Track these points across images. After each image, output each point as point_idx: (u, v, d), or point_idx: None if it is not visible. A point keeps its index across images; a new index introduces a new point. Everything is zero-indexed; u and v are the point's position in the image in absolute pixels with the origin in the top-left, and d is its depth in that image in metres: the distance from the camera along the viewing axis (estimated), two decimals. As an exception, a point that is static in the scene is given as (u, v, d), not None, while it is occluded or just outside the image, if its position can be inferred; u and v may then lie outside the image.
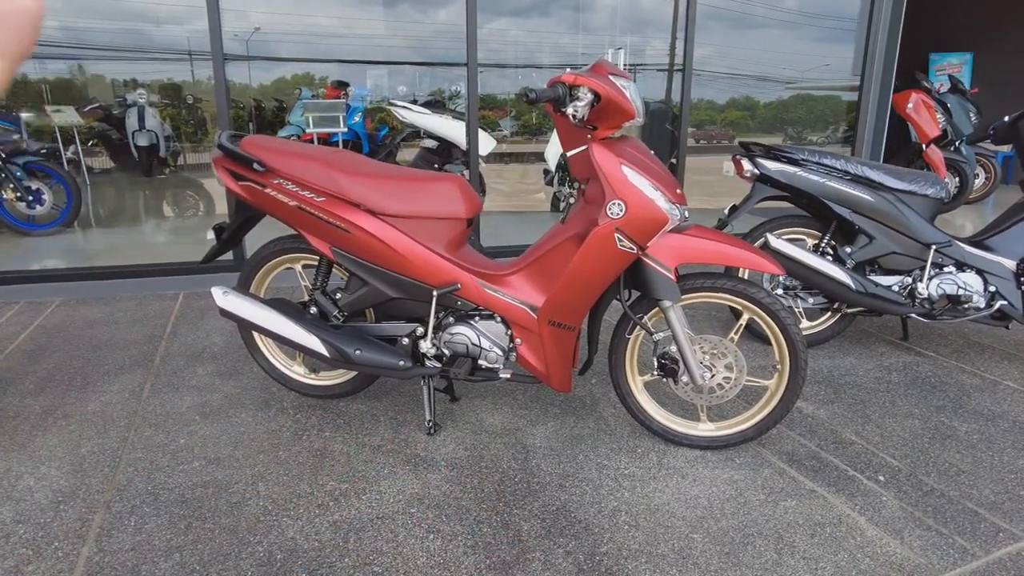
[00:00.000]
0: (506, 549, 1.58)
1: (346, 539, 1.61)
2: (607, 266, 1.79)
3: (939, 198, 2.62)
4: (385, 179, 1.94)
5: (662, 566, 1.52)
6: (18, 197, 4.43)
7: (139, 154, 5.37)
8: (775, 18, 5.93)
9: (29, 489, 1.80)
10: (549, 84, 1.69)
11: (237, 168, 1.98)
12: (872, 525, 1.68)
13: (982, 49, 8.34)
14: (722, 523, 1.68)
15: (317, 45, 5.84)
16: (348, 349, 1.98)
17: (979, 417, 2.27)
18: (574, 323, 1.90)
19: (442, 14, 5.75)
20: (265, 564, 1.51)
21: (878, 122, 4.87)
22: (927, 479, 1.89)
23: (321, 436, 2.10)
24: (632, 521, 1.69)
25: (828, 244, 2.73)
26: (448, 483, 1.85)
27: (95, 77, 5.49)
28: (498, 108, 6.33)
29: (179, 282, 3.72)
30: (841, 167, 2.62)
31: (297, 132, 5.58)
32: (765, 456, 2.00)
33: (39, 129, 5.17)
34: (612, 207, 1.74)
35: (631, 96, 1.70)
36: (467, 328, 1.99)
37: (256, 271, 2.24)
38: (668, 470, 1.92)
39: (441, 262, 1.94)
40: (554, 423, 2.20)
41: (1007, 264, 2.58)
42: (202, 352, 2.80)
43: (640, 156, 1.81)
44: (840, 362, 2.75)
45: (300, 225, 2.00)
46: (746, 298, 1.89)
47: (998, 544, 1.61)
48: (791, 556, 1.56)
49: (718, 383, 1.94)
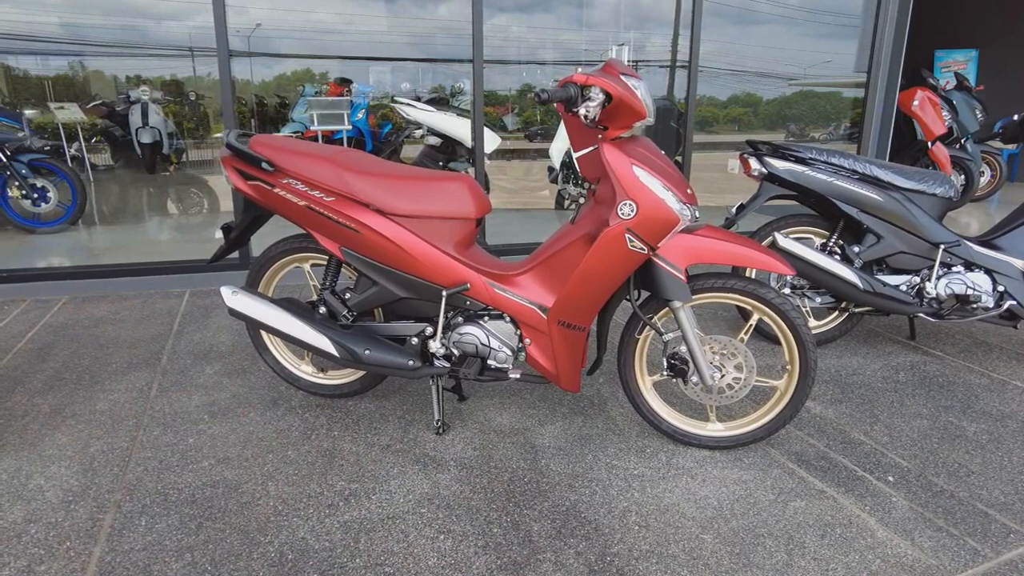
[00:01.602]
0: (517, 550, 1.58)
1: (357, 539, 1.61)
2: (617, 267, 1.79)
3: (947, 197, 2.61)
4: (394, 179, 1.93)
5: (673, 567, 1.52)
6: (23, 195, 4.43)
7: (143, 151, 5.37)
8: (778, 14, 5.90)
9: (40, 488, 1.81)
10: (560, 84, 1.68)
11: (246, 167, 1.97)
12: (882, 526, 1.68)
13: (988, 46, 8.31)
14: (732, 524, 1.68)
15: (319, 41, 5.83)
16: (357, 349, 1.98)
17: (988, 417, 2.26)
18: (584, 323, 1.90)
19: (444, 10, 5.73)
20: (276, 564, 1.52)
21: (884, 120, 4.86)
22: (936, 480, 1.89)
23: (330, 435, 2.10)
24: (642, 521, 1.69)
25: (836, 243, 2.73)
26: (458, 483, 1.85)
27: (98, 74, 5.48)
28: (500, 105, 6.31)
29: (185, 280, 3.72)
30: (849, 166, 2.61)
31: (300, 129, 5.57)
32: (774, 456, 2.00)
33: (43, 126, 5.17)
34: (623, 208, 1.73)
35: (642, 96, 1.70)
36: (476, 328, 1.98)
37: (264, 270, 2.24)
38: (677, 470, 1.92)
39: (450, 262, 1.94)
40: (563, 423, 2.20)
41: (1016, 264, 2.58)
42: (209, 351, 2.81)
43: (651, 156, 1.80)
44: (848, 361, 2.75)
45: (309, 225, 2.00)
46: (756, 298, 1.89)
47: (1009, 545, 1.61)
48: (801, 557, 1.56)
49: (728, 383, 1.94)
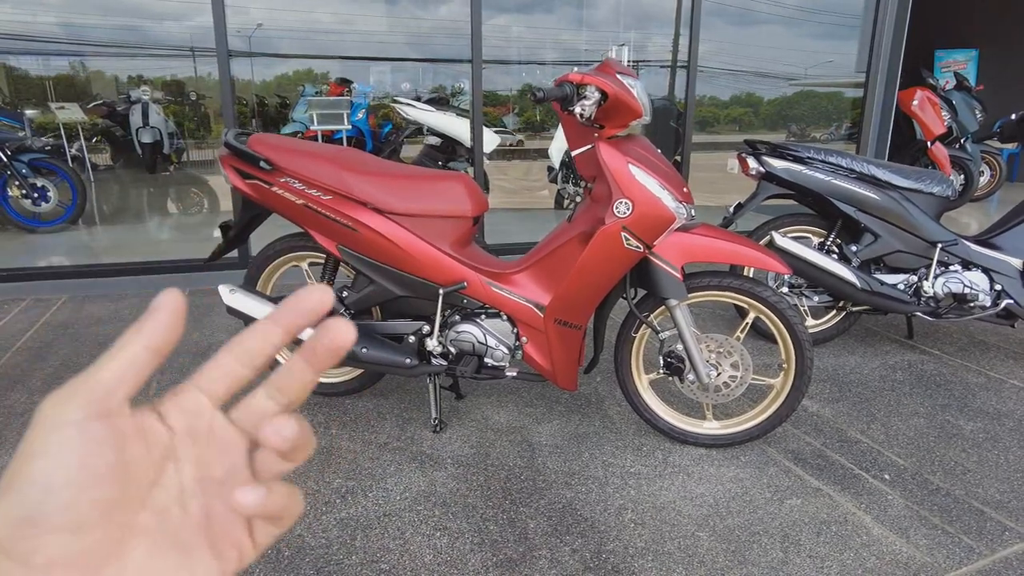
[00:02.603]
0: (513, 547, 1.58)
1: (353, 536, 1.61)
2: (614, 265, 1.80)
3: (945, 196, 2.61)
4: (392, 177, 1.94)
5: (668, 564, 1.53)
6: (23, 194, 4.44)
7: (143, 151, 5.38)
8: (779, 14, 5.91)
9: (38, 486, 1.81)
10: (556, 83, 1.69)
11: (244, 166, 1.98)
12: (878, 524, 1.68)
13: (988, 46, 8.31)
14: (728, 521, 1.69)
15: (320, 41, 5.84)
16: (355, 347, 1.98)
17: (984, 416, 2.27)
18: (580, 321, 1.91)
19: (444, 10, 5.73)
20: (272, 561, 1.52)
21: (883, 119, 4.86)
22: (933, 478, 1.89)
23: (328, 434, 2.11)
24: (638, 519, 1.69)
25: (833, 242, 2.73)
26: (454, 480, 1.86)
27: (98, 74, 5.49)
28: (501, 104, 6.32)
29: (184, 279, 3.73)
30: (847, 165, 2.61)
31: (300, 129, 5.58)
32: (771, 454, 2.00)
33: (44, 126, 5.18)
34: (619, 206, 1.74)
35: (638, 94, 1.70)
36: (473, 326, 1.99)
37: (263, 269, 2.24)
38: (674, 468, 1.93)
39: (447, 260, 1.95)
40: (560, 421, 2.20)
41: (1013, 263, 2.58)
42: (208, 349, 2.81)
43: (647, 155, 1.81)
44: (845, 360, 2.75)
45: (307, 223, 2.01)
46: (752, 297, 1.89)
47: (1004, 543, 1.61)
48: (797, 554, 1.56)
49: (724, 381, 1.94)
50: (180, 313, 0.26)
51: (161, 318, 0.26)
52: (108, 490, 0.23)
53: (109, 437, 0.23)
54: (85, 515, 0.22)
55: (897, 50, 4.69)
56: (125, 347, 0.25)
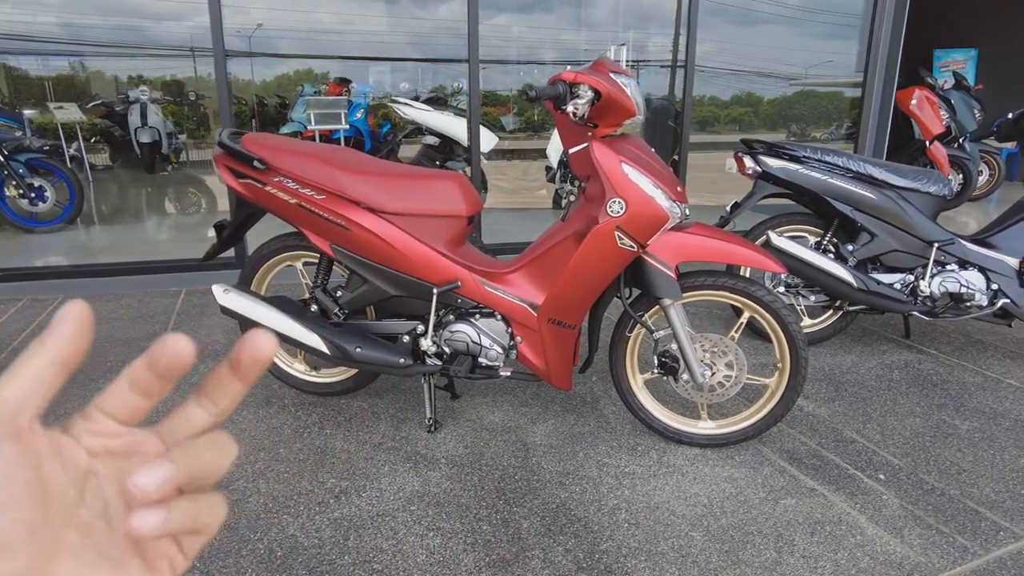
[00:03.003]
0: (506, 547, 1.58)
1: (346, 536, 1.61)
2: (607, 264, 1.79)
3: (942, 195, 2.61)
4: (385, 176, 1.94)
5: (662, 564, 1.52)
6: (21, 194, 4.44)
7: (141, 151, 5.38)
8: (779, 14, 5.90)
9: (31, 486, 1.81)
10: (549, 82, 1.69)
11: (238, 166, 1.98)
12: (872, 524, 1.68)
13: (986, 45, 8.30)
14: (722, 521, 1.68)
15: (319, 41, 5.83)
16: (349, 347, 1.98)
17: (980, 415, 2.26)
18: (574, 321, 1.90)
19: (443, 10, 5.73)
20: (265, 561, 1.52)
21: (881, 119, 4.85)
22: (928, 477, 1.89)
23: (322, 433, 2.11)
24: (632, 519, 1.69)
25: (830, 241, 2.72)
26: (448, 480, 1.85)
27: (97, 74, 5.49)
28: (501, 104, 6.31)
29: (181, 279, 3.73)
30: (843, 164, 2.61)
31: (299, 129, 5.57)
32: (765, 454, 2.00)
33: (43, 126, 5.18)
34: (612, 205, 1.73)
35: (631, 93, 1.70)
36: (467, 326, 1.99)
37: (257, 269, 2.24)
38: (668, 468, 1.92)
39: (441, 260, 1.94)
40: (554, 421, 2.20)
41: (1010, 262, 2.57)
42: (204, 349, 2.81)
43: (640, 154, 1.81)
44: (841, 360, 2.74)
45: (300, 223, 2.00)
46: (747, 296, 1.89)
47: (999, 543, 1.61)
48: (791, 554, 1.56)
49: (718, 381, 1.94)
50: (87, 323, 0.24)
51: (66, 329, 0.24)
52: (29, 510, 0.22)
53: (22, 456, 0.22)
54: (8, 536, 0.22)
55: (895, 49, 4.68)
56: (29, 362, 0.24)
